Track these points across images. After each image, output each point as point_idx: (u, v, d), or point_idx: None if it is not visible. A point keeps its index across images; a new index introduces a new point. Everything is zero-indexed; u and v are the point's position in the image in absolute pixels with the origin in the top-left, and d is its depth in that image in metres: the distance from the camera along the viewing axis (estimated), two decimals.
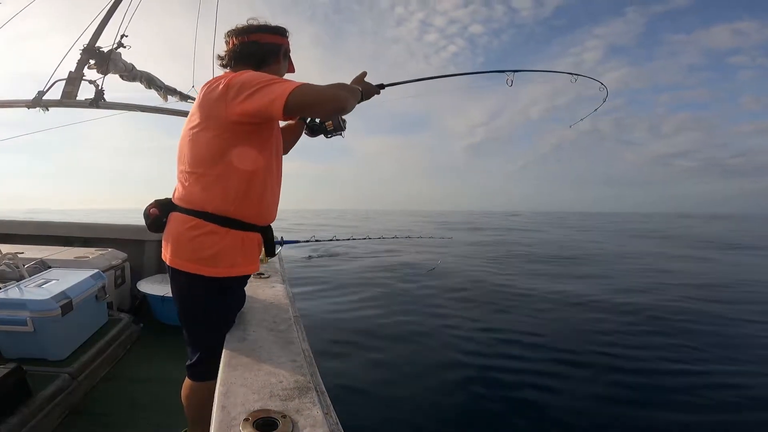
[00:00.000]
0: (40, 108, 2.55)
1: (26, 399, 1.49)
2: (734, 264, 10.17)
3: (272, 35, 1.16)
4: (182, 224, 1.08)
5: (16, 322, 1.75)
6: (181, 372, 1.22)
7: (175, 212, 1.11)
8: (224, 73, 1.13)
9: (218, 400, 0.75)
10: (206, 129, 1.04)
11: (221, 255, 1.06)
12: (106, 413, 1.71)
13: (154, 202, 1.17)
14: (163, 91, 2.83)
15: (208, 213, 1.05)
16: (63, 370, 1.76)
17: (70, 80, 2.47)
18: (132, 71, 2.56)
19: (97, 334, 2.17)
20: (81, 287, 2.06)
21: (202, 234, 1.05)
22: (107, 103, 2.58)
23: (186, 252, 1.07)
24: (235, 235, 1.08)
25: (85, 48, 2.39)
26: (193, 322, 1.16)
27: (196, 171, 1.07)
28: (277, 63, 1.18)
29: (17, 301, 1.80)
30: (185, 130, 1.12)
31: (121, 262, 2.83)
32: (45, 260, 2.51)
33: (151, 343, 2.44)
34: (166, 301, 2.58)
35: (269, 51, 1.15)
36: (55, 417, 1.57)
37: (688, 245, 15.22)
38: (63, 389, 1.67)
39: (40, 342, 1.80)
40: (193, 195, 1.07)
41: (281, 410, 0.72)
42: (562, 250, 12.30)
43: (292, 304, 1.43)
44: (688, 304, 5.47)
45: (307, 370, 0.89)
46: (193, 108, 1.10)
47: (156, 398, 1.82)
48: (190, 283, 1.08)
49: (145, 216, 1.16)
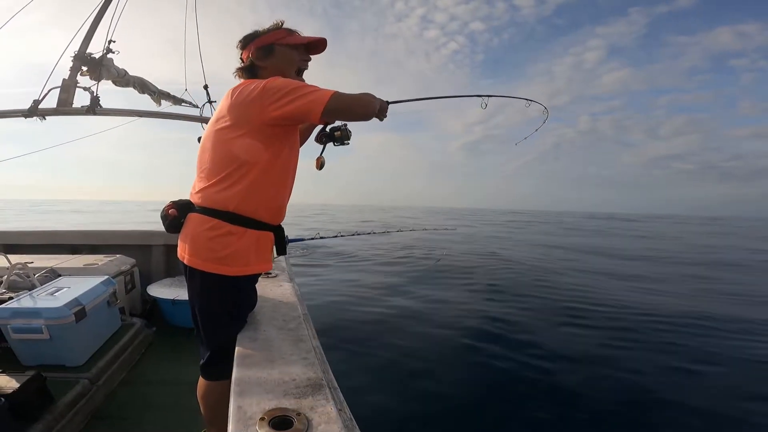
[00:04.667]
0: (36, 117, 2.55)
1: (49, 405, 1.52)
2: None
3: (258, 39, 1.19)
4: (201, 225, 1.11)
5: (32, 331, 1.79)
6: (196, 373, 1.24)
7: (193, 213, 1.14)
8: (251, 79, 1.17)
9: (234, 400, 0.77)
10: (238, 130, 1.07)
11: (237, 254, 1.09)
12: (126, 417, 1.74)
13: (171, 203, 1.19)
14: (156, 96, 2.81)
15: (227, 213, 1.09)
16: (82, 376, 1.79)
17: (65, 87, 2.47)
18: (125, 77, 2.54)
19: (112, 339, 2.21)
20: (92, 294, 2.09)
21: (220, 234, 1.08)
22: (104, 109, 2.57)
23: (203, 252, 1.10)
24: (251, 234, 1.11)
25: (77, 55, 2.37)
26: (207, 321, 1.18)
27: (219, 171, 1.10)
28: (274, 56, 1.18)
29: (31, 309, 1.83)
30: (210, 132, 1.14)
31: (129, 267, 2.86)
32: (55, 269, 2.55)
33: (164, 346, 2.48)
34: (177, 304, 2.62)
35: (264, 53, 1.18)
36: (78, 422, 1.61)
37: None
38: (83, 395, 1.70)
39: (56, 349, 1.84)
40: (214, 194, 1.10)
41: (296, 408, 0.73)
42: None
43: (301, 302, 1.44)
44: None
45: (318, 367, 0.90)
46: (221, 110, 1.12)
47: (173, 400, 1.86)
48: (206, 282, 1.11)
49: (162, 217, 1.19)
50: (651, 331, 4.05)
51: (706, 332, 4.10)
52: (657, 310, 4.81)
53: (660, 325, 4.25)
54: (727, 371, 3.19)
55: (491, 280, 6.32)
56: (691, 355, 3.46)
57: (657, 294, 5.90)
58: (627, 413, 2.57)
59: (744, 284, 7.24)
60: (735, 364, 3.32)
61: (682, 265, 9.49)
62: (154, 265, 3.19)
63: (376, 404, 2.54)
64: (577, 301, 5.13)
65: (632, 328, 4.13)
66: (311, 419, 0.70)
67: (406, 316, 4.37)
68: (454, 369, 3.16)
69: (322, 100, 1.01)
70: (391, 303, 4.92)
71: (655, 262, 10.04)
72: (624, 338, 3.83)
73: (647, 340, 3.83)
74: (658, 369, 3.17)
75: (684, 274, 8.16)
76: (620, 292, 5.89)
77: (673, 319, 4.46)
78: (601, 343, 3.66)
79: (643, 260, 10.23)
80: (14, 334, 1.80)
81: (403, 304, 4.90)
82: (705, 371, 3.18)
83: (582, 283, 6.35)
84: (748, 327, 4.31)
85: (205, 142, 1.16)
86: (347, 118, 1.23)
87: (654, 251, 12.62)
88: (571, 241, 16.00)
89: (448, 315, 4.46)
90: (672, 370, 3.17)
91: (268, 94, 1.03)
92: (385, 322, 4.16)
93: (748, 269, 9.44)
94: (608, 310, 4.76)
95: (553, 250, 11.94)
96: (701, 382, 3.01)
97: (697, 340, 3.83)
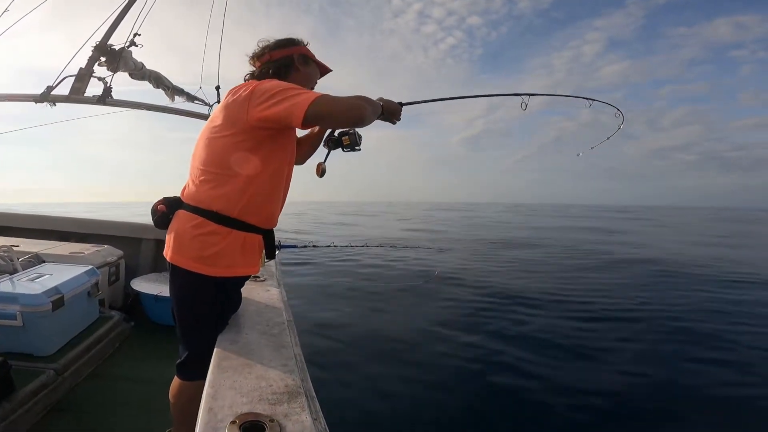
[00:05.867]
0: (47, 103, 2.57)
1: (9, 394, 1.46)
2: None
3: (281, 49, 1.21)
4: (186, 222, 1.09)
5: (6, 316, 1.73)
6: (171, 372, 1.19)
7: (181, 210, 1.13)
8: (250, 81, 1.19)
9: (205, 402, 0.74)
10: (226, 131, 1.07)
11: (221, 255, 1.07)
12: (89, 411, 1.67)
13: (163, 198, 1.18)
14: (171, 91, 2.86)
15: (213, 212, 1.07)
16: (48, 366, 1.73)
17: (80, 76, 2.51)
18: (141, 70, 2.60)
19: (87, 330, 2.14)
20: (74, 283, 2.04)
21: (204, 233, 1.07)
22: (114, 100, 2.60)
23: (187, 249, 1.08)
24: (237, 235, 1.09)
25: (97, 45, 2.42)
26: (186, 320, 1.15)
27: (209, 170, 1.09)
28: (297, 71, 1.22)
29: (8, 294, 1.78)
30: (204, 130, 1.15)
31: (116, 259, 2.81)
32: (40, 254, 2.49)
33: (141, 342, 2.40)
34: (160, 300, 2.55)
35: (284, 64, 1.21)
36: (36, 413, 1.54)
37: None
38: (47, 385, 1.64)
39: (28, 337, 1.77)
40: (201, 194, 1.10)
41: (269, 414, 0.70)
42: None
43: (287, 308, 1.41)
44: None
45: (297, 375, 0.87)
46: (217, 110, 1.14)
47: (142, 398, 1.79)
48: (188, 281, 1.09)
49: (152, 212, 1.18)
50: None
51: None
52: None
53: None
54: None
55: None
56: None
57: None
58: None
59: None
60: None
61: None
62: (142, 259, 3.14)
63: (352, 416, 2.46)
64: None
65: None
66: (285, 426, 0.67)
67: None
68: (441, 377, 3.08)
69: (304, 104, 0.95)
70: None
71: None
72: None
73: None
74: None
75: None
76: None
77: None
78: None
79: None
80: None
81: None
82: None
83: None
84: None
85: (199, 140, 1.16)
86: (332, 124, 1.20)
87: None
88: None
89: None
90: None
91: (256, 95, 1.02)
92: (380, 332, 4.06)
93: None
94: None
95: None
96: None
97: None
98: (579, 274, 7.53)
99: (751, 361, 3.52)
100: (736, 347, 3.84)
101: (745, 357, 3.62)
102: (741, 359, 3.57)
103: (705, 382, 3.14)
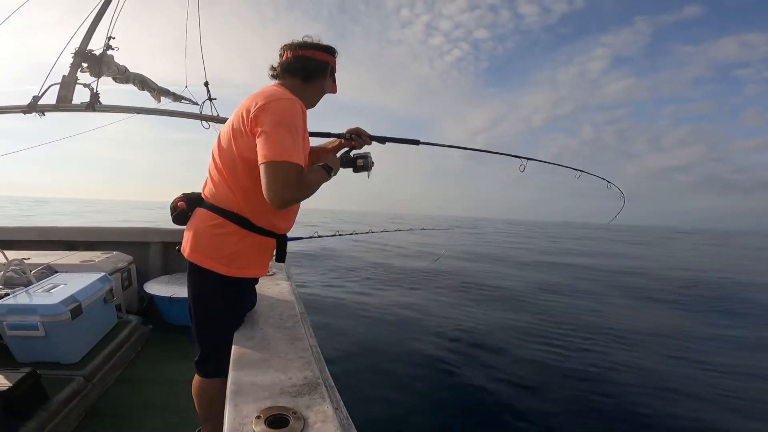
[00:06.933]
0: (36, 113, 2.54)
1: (43, 403, 1.51)
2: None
3: (322, 53, 1.19)
4: (206, 221, 1.11)
5: (28, 327, 1.78)
6: (192, 371, 1.23)
7: (201, 208, 1.14)
8: (275, 84, 1.15)
9: (230, 399, 0.76)
10: (242, 137, 1.05)
11: (237, 256, 1.09)
12: (122, 415, 1.73)
13: (182, 195, 1.19)
14: (156, 92, 2.81)
15: (233, 214, 1.08)
16: (77, 373, 1.79)
17: (65, 84, 2.46)
18: (125, 73, 2.54)
19: (108, 336, 2.20)
20: (89, 291, 2.08)
21: (223, 233, 1.08)
22: (103, 106, 2.56)
23: (205, 248, 1.10)
24: (254, 239, 1.11)
25: (77, 51, 2.36)
26: (202, 318, 1.18)
27: (228, 173, 1.09)
28: (324, 79, 1.21)
29: (27, 306, 1.82)
30: (227, 128, 1.12)
31: (126, 264, 2.85)
32: (51, 265, 2.53)
33: (160, 344, 2.47)
34: (174, 302, 2.61)
35: (318, 67, 1.18)
36: (72, 420, 1.60)
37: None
38: (78, 392, 1.70)
39: (52, 346, 1.82)
40: (221, 194, 1.10)
41: (292, 407, 0.73)
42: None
43: (298, 301, 1.44)
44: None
45: (315, 366, 0.90)
46: (239, 109, 1.10)
47: (169, 398, 1.85)
48: (204, 279, 1.11)
49: (171, 208, 1.19)
50: None
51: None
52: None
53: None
54: None
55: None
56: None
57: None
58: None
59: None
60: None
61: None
62: (152, 263, 3.18)
63: (374, 404, 2.54)
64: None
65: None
66: (307, 418, 0.70)
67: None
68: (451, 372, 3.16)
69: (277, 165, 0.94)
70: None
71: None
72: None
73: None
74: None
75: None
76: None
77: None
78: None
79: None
80: (9, 330, 1.79)
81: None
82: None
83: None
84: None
85: (221, 135, 1.13)
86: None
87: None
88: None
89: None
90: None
91: (265, 112, 0.99)
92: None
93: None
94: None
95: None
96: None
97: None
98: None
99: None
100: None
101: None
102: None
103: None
